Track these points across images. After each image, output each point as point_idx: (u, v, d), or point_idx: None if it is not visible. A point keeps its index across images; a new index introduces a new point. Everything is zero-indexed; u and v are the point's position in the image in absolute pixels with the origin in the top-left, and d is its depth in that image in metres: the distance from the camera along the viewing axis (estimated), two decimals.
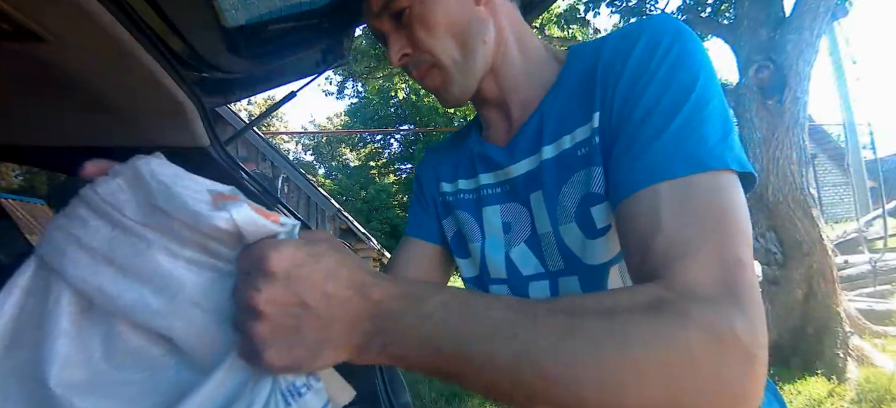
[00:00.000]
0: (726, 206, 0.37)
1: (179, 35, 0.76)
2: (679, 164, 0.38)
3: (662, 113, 0.40)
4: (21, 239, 1.27)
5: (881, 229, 6.20)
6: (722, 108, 0.41)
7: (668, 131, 0.39)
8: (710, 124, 0.39)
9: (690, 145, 0.38)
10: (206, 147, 1.13)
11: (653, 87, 0.41)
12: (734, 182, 0.38)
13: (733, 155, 0.39)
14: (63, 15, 0.57)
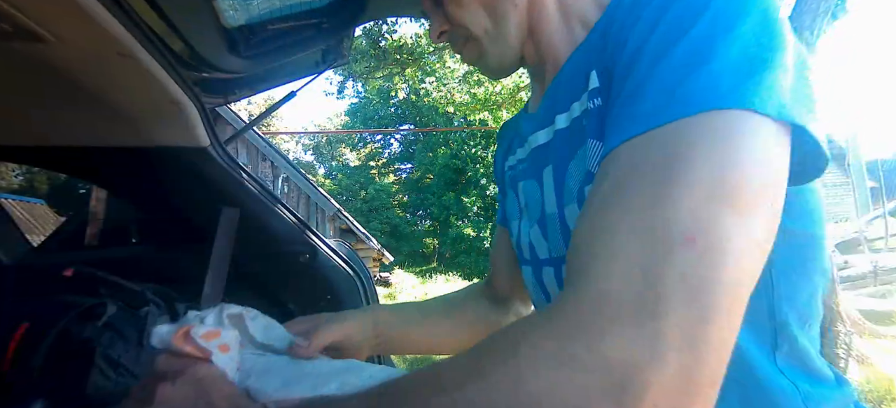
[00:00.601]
0: (710, 156, 0.25)
1: (179, 35, 0.76)
2: (665, 107, 0.27)
3: (655, 48, 0.30)
4: (21, 239, 1.27)
5: (881, 229, 6.19)
6: (764, 34, 0.28)
7: (660, 70, 0.29)
8: (727, 52, 0.27)
9: (688, 82, 0.27)
10: (206, 147, 1.13)
11: (645, 21, 0.32)
12: (759, 129, 0.26)
13: (765, 93, 0.26)
14: (63, 15, 0.57)
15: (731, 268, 0.23)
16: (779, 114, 0.26)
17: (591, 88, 0.39)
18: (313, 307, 1.24)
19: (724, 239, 0.23)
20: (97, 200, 1.92)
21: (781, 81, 0.27)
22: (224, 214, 1.19)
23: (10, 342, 0.69)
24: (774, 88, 0.27)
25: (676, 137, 0.26)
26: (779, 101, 0.27)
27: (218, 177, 1.17)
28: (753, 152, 0.25)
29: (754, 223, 0.25)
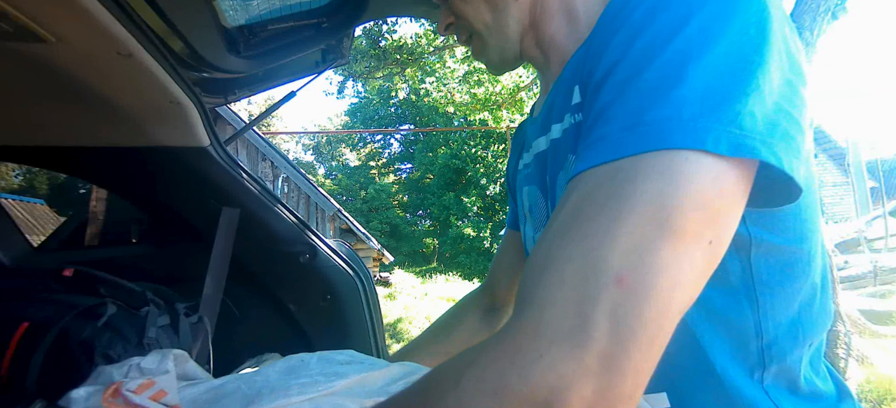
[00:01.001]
0: (652, 199, 0.25)
1: (179, 35, 0.76)
2: (619, 142, 0.27)
3: (625, 72, 0.29)
4: (21, 239, 1.27)
5: (881, 229, 6.20)
6: (739, 54, 0.27)
7: (626, 96, 0.29)
8: (695, 80, 0.27)
9: (648, 114, 0.27)
10: (206, 147, 1.13)
11: (620, 40, 0.31)
12: (706, 170, 0.26)
13: (723, 130, 0.26)
14: (63, 15, 0.57)
15: (657, 305, 0.24)
16: (736, 152, 0.26)
17: (573, 103, 0.39)
18: (313, 307, 1.24)
19: (654, 278, 0.25)
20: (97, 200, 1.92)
21: (752, 110, 0.27)
22: (224, 214, 1.19)
23: (10, 342, 0.69)
24: (739, 121, 0.26)
25: (629, 173, 0.26)
26: (739, 137, 0.26)
27: (218, 177, 1.17)
28: (699, 193, 0.26)
29: (688, 260, 0.25)
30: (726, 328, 0.36)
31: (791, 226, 0.36)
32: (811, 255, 0.37)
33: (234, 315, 1.18)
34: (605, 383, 0.24)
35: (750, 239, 0.35)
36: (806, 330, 0.38)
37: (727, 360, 0.36)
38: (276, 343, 1.18)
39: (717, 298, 0.36)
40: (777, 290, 0.36)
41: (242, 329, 1.21)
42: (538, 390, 0.23)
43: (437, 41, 8.07)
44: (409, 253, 17.85)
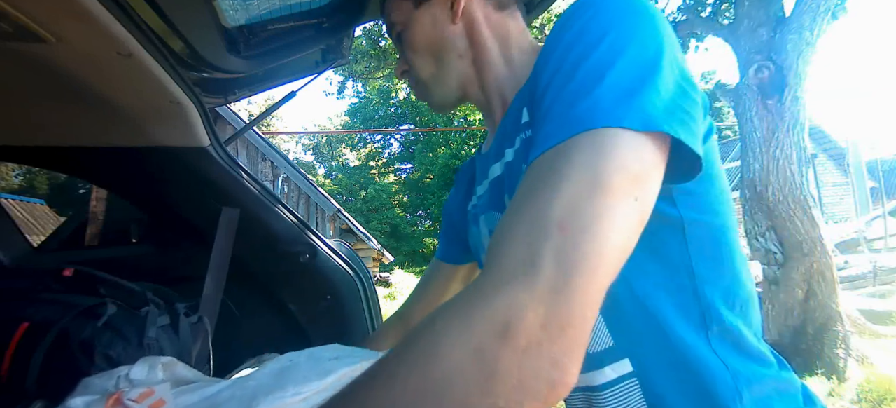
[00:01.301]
0: (583, 166, 0.32)
1: (179, 35, 0.76)
2: (557, 130, 0.34)
3: (558, 83, 0.37)
4: (21, 239, 1.27)
5: (881, 229, 6.20)
6: (643, 61, 0.36)
7: (560, 100, 0.36)
8: (610, 82, 0.34)
9: (576, 108, 0.34)
10: (206, 147, 1.13)
11: (555, 57, 0.39)
12: (624, 142, 0.33)
13: (634, 111, 0.33)
14: (63, 15, 0.57)
15: (593, 244, 0.30)
16: (645, 126, 0.33)
17: (523, 122, 0.47)
18: (313, 307, 1.24)
19: (589, 223, 0.31)
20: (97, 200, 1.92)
21: (655, 100, 0.35)
22: (224, 214, 1.19)
23: (10, 342, 0.69)
24: (646, 106, 0.34)
25: (566, 150, 0.33)
26: (647, 116, 0.34)
27: (218, 177, 1.17)
28: (620, 158, 0.32)
29: (618, 211, 0.32)
30: (673, 297, 0.43)
31: (708, 204, 0.44)
32: (731, 228, 0.46)
33: (234, 315, 1.18)
34: (553, 308, 0.29)
35: (681, 218, 0.43)
36: (735, 293, 0.45)
37: (676, 323, 0.43)
38: (276, 343, 1.18)
39: (663, 272, 0.43)
40: (709, 260, 0.44)
41: (242, 329, 1.21)
42: (498, 313, 0.29)
43: None
44: (409, 253, 17.86)
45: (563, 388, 0.29)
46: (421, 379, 0.29)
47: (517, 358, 0.28)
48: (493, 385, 0.28)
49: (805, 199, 3.40)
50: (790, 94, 3.41)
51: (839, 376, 3.19)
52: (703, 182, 0.43)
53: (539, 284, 0.29)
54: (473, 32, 0.57)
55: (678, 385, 0.42)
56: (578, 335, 0.30)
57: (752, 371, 0.44)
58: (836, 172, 15.03)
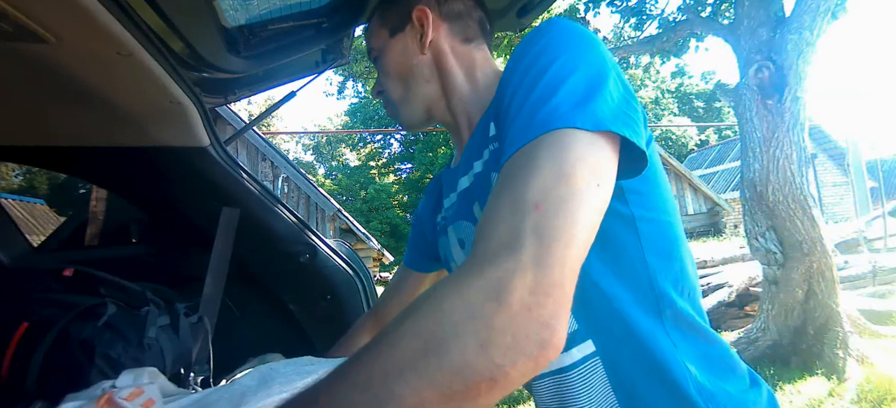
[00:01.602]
0: (550, 159, 0.38)
1: (179, 35, 0.76)
2: (524, 134, 0.40)
3: (521, 96, 0.44)
4: (21, 239, 1.27)
5: (881, 229, 6.20)
6: (591, 77, 0.43)
7: (523, 110, 0.42)
8: (565, 93, 0.41)
9: (538, 114, 0.41)
10: (206, 147, 1.13)
11: (516, 77, 0.46)
12: (581, 139, 0.39)
13: (587, 115, 0.40)
14: (63, 15, 0.57)
15: (566, 219, 0.35)
16: (596, 126, 0.39)
17: (490, 135, 0.53)
18: (313, 307, 1.24)
19: (560, 203, 0.36)
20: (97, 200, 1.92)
21: (603, 106, 0.41)
22: (224, 214, 1.19)
23: (10, 342, 0.69)
24: (596, 111, 0.40)
25: (533, 149, 0.39)
26: (598, 119, 0.40)
27: (218, 177, 1.17)
28: (578, 152, 0.38)
29: (583, 194, 0.37)
30: (629, 286, 0.49)
31: (655, 203, 0.50)
32: (676, 224, 0.53)
33: (235, 315, 1.17)
34: (538, 274, 0.33)
35: (633, 215, 0.49)
36: (683, 281, 0.51)
37: (632, 309, 0.48)
38: (276, 343, 1.18)
39: (620, 265, 0.49)
40: (659, 253, 0.50)
41: (243, 329, 1.21)
42: (491, 282, 0.33)
43: None
44: None
45: (553, 349, 0.33)
46: (423, 340, 0.32)
47: (510, 319, 0.32)
48: (490, 344, 0.31)
49: (805, 199, 3.40)
50: (790, 94, 3.40)
51: (839, 375, 3.19)
52: (648, 183, 0.50)
53: (523, 255, 0.33)
54: (440, 61, 0.64)
55: (636, 364, 0.48)
56: (562, 298, 0.33)
57: (701, 350, 0.50)
58: (836, 172, 15.02)
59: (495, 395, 0.32)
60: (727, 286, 4.52)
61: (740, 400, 0.49)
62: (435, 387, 0.31)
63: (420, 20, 0.63)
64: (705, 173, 16.29)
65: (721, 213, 12.75)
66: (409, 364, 0.31)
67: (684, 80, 28.61)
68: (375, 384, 0.31)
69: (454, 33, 0.64)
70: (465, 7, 0.66)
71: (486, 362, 0.31)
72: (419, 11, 0.63)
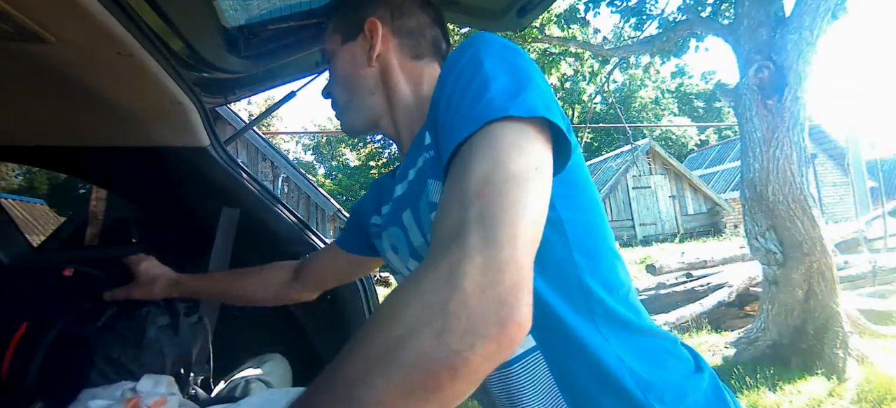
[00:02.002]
0: (488, 148, 0.40)
1: (179, 35, 0.76)
2: (461, 131, 0.42)
3: (454, 100, 0.46)
4: (21, 239, 1.27)
5: (881, 229, 6.20)
6: (519, 75, 0.45)
7: (459, 111, 0.44)
8: (495, 89, 0.43)
9: (473, 111, 0.43)
10: (206, 147, 1.13)
11: (448, 87, 0.48)
12: (515, 127, 0.41)
13: (519, 104, 0.42)
14: (63, 15, 0.57)
15: (507, 200, 0.36)
16: (529, 113, 0.41)
17: (426, 144, 0.54)
18: (313, 307, 1.24)
19: (500, 187, 0.37)
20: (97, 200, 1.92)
21: (533, 97, 0.43)
22: (224, 214, 1.19)
23: (10, 343, 0.69)
24: (527, 101, 0.42)
25: (470, 143, 0.41)
26: (530, 107, 0.42)
27: (218, 177, 1.17)
28: (512, 138, 0.40)
29: (523, 177, 0.38)
30: (560, 287, 0.50)
31: (582, 204, 0.52)
32: (603, 225, 0.54)
33: (235, 315, 1.18)
34: (487, 254, 0.33)
35: (561, 218, 0.50)
36: (613, 281, 0.53)
37: (564, 309, 0.50)
38: (276, 343, 1.18)
39: (551, 267, 0.50)
40: (587, 253, 0.51)
41: (242, 329, 1.21)
42: (442, 271, 0.34)
43: None
44: None
45: (515, 326, 0.32)
46: (383, 341, 0.32)
47: (464, 303, 0.32)
48: (445, 331, 0.31)
49: (805, 199, 3.40)
50: (790, 94, 3.40)
51: (839, 375, 3.19)
52: (576, 186, 0.52)
53: (470, 241, 0.34)
54: (387, 76, 0.65)
55: (574, 358, 0.49)
56: (518, 275, 0.34)
57: (636, 344, 0.51)
58: (836, 172, 15.02)
59: (460, 385, 0.32)
60: (727, 286, 4.51)
61: (680, 386, 0.51)
62: (395, 385, 0.31)
63: (371, 32, 0.64)
64: (705, 173, 16.29)
65: (721, 213, 12.74)
66: (371, 366, 0.31)
67: (684, 80, 28.61)
68: (339, 393, 0.32)
69: (404, 49, 0.65)
70: (418, 24, 0.66)
71: (444, 350, 0.31)
72: (370, 23, 0.64)
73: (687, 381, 0.52)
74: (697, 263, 5.46)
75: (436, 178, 0.51)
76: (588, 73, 7.73)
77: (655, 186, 12.61)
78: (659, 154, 12.81)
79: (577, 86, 17.22)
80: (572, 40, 6.77)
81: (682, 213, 12.68)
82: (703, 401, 0.52)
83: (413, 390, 0.31)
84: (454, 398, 0.32)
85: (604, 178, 12.75)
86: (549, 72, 7.27)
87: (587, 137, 22.86)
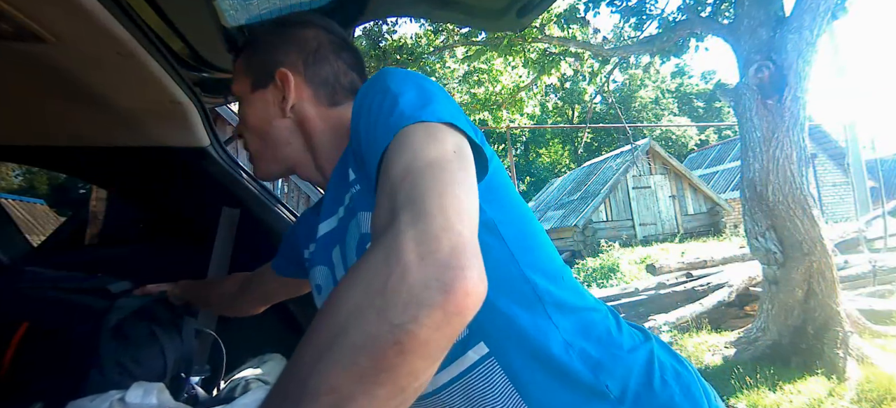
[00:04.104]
0: (404, 146, 0.41)
1: (179, 35, 0.76)
2: (379, 146, 0.44)
3: (370, 123, 0.47)
4: (21, 239, 1.27)
5: (881, 229, 6.20)
6: (425, 92, 0.48)
7: (376, 133, 0.46)
8: (404, 103, 0.45)
9: (387, 125, 0.45)
10: (206, 147, 1.13)
11: (363, 117, 0.49)
12: (427, 127, 0.43)
13: (429, 112, 0.44)
14: (63, 15, 0.57)
15: (433, 178, 0.38)
16: (438, 119, 0.44)
17: (351, 179, 0.54)
18: (313, 308, 1.23)
19: (422, 170, 0.38)
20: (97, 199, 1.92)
21: (440, 108, 0.45)
22: (224, 214, 1.19)
23: (11, 342, 0.69)
24: (435, 110, 0.45)
25: (389, 149, 0.43)
26: (438, 114, 0.44)
27: (218, 177, 1.17)
28: (425, 137, 0.42)
29: (444, 158, 0.40)
30: (507, 288, 0.51)
31: (508, 203, 0.54)
32: (532, 218, 0.56)
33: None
34: (420, 225, 0.34)
35: (494, 220, 0.51)
36: (551, 268, 0.54)
37: (512, 306, 0.50)
38: (276, 343, 1.18)
39: (494, 268, 0.48)
40: (524, 247, 0.52)
41: (243, 329, 1.21)
42: (379, 255, 0.34)
43: (437, 41, 8.06)
44: None
45: (462, 292, 0.32)
46: (329, 329, 0.32)
47: (403, 275, 0.32)
48: (386, 307, 0.31)
49: (805, 198, 3.40)
50: (790, 93, 3.40)
51: (839, 375, 3.19)
52: (499, 188, 0.53)
53: (400, 219, 0.35)
54: (305, 127, 0.62)
55: (525, 356, 0.50)
56: (457, 239, 0.34)
57: (583, 323, 0.53)
58: (836, 172, 15.02)
59: (412, 361, 0.31)
60: (727, 286, 4.51)
61: (628, 360, 0.52)
62: (345, 369, 0.30)
63: (283, 83, 0.61)
64: (705, 173, 16.29)
65: (721, 213, 12.74)
66: (320, 355, 0.31)
67: (684, 80, 28.62)
68: (293, 387, 0.32)
69: (320, 99, 0.62)
70: (333, 72, 0.63)
71: (386, 326, 0.30)
72: (281, 74, 0.61)
73: (634, 354, 0.53)
74: (697, 263, 5.46)
75: (366, 208, 0.51)
76: (588, 73, 7.72)
77: (655, 186, 12.61)
78: (659, 154, 12.81)
79: (577, 86, 17.21)
80: (572, 40, 6.77)
81: (682, 213, 12.68)
82: (653, 370, 0.52)
83: (364, 373, 0.30)
84: (409, 376, 0.31)
85: (604, 178, 12.75)
86: (549, 72, 7.27)
87: (587, 137, 22.85)
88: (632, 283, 6.06)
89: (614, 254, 8.76)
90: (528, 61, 7.27)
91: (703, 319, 4.37)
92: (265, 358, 1.07)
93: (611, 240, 10.04)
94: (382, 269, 0.32)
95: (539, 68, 7.21)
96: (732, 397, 3.11)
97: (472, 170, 0.42)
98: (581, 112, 21.52)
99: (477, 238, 0.36)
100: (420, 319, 0.31)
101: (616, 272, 7.77)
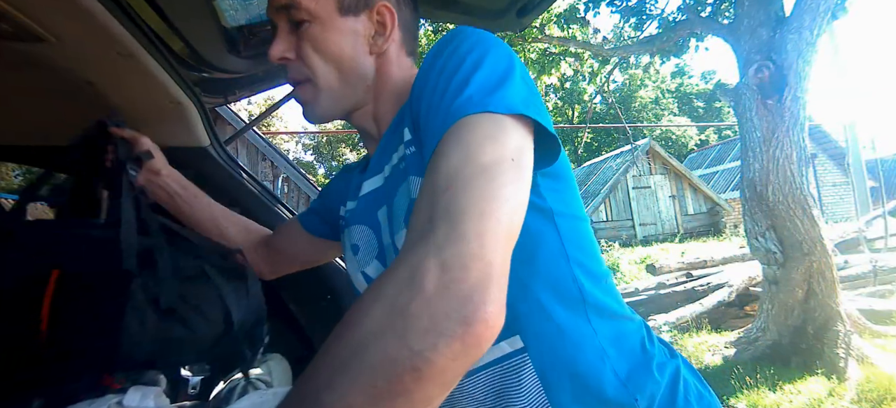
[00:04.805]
0: (458, 142, 0.39)
1: (179, 35, 0.76)
2: (440, 129, 0.41)
3: (435, 96, 0.44)
4: None
5: (881, 229, 6.19)
6: (499, 70, 0.44)
7: (439, 109, 0.43)
8: (474, 83, 0.42)
9: (451, 108, 0.42)
10: (206, 147, 1.13)
11: (430, 83, 0.46)
12: (491, 120, 0.40)
13: (497, 100, 0.41)
14: (63, 15, 0.58)
15: (477, 194, 0.36)
16: (508, 110, 0.41)
17: (405, 140, 0.51)
18: (313, 307, 1.24)
19: (469, 180, 0.36)
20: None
21: (513, 93, 0.42)
22: None
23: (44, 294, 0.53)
24: (506, 97, 0.41)
25: (445, 139, 0.40)
26: (509, 103, 0.41)
27: (218, 177, 1.17)
28: (486, 130, 0.39)
29: (495, 169, 0.37)
30: (554, 283, 0.49)
31: (569, 199, 0.52)
32: (587, 219, 0.55)
33: None
34: (451, 250, 0.33)
35: (551, 209, 0.50)
36: (598, 271, 0.53)
37: (558, 306, 0.49)
38: (276, 343, 1.18)
39: (544, 259, 0.49)
40: (577, 245, 0.51)
41: None
42: (404, 270, 0.33)
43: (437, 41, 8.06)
44: None
45: (481, 324, 0.31)
46: (349, 346, 0.32)
47: (426, 302, 0.31)
48: (407, 332, 0.31)
49: (805, 198, 3.40)
50: (790, 93, 3.40)
51: (839, 375, 3.19)
52: (562, 180, 0.51)
53: (434, 236, 0.34)
54: (384, 69, 0.58)
55: (560, 354, 0.49)
56: (485, 270, 0.33)
57: (618, 331, 0.51)
58: (836, 172, 15.02)
59: (427, 387, 0.31)
60: (727, 286, 4.52)
61: (656, 376, 0.51)
62: (361, 388, 0.30)
63: (382, 18, 0.56)
64: (705, 173, 16.29)
65: (721, 213, 12.75)
66: (337, 371, 0.31)
67: (684, 80, 28.62)
68: (308, 400, 0.31)
69: (403, 44, 0.59)
70: (414, 19, 0.61)
71: (405, 351, 0.30)
72: (385, 7, 0.56)
73: (664, 371, 0.52)
74: (697, 263, 5.47)
75: (418, 174, 0.48)
76: (588, 74, 7.73)
77: (655, 186, 12.61)
78: (659, 154, 12.81)
79: (577, 86, 17.23)
80: (572, 40, 6.77)
81: (682, 213, 12.68)
82: (677, 390, 0.52)
83: (379, 394, 0.30)
84: (423, 402, 0.31)
85: (604, 178, 12.75)
86: (549, 72, 7.27)
87: (587, 137, 22.85)
88: (632, 283, 6.06)
89: (614, 254, 8.77)
90: (528, 61, 7.27)
91: (703, 319, 4.37)
92: (265, 358, 1.07)
93: (611, 240, 10.04)
94: (406, 291, 0.32)
95: (539, 68, 7.21)
96: (732, 397, 3.11)
97: (528, 175, 0.40)
98: (581, 112, 21.53)
99: (509, 262, 0.35)
100: (439, 348, 0.30)
101: (616, 272, 7.78)
